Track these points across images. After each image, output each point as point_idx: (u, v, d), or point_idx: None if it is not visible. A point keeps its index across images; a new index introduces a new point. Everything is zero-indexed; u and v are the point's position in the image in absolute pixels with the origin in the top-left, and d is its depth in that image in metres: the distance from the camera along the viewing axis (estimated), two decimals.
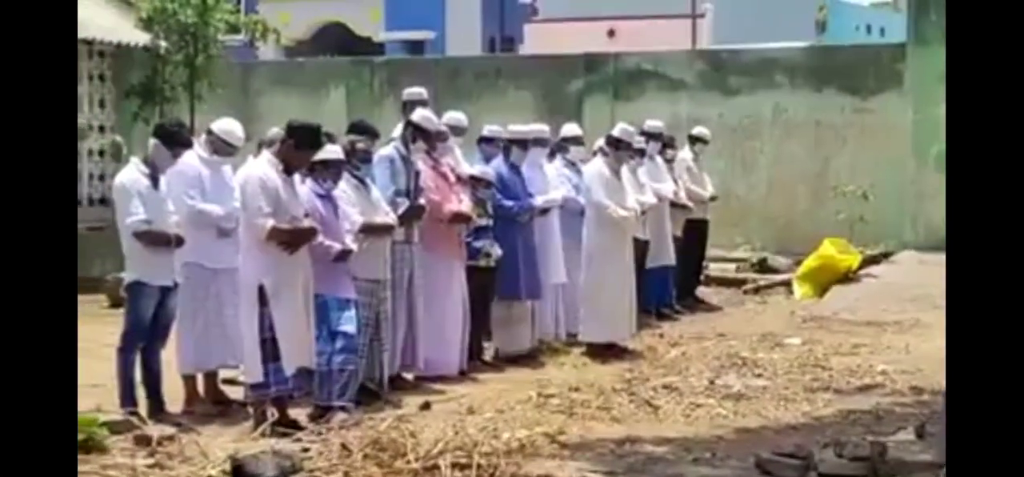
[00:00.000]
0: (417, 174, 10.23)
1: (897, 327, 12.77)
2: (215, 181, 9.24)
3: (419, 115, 10.48)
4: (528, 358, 11.35)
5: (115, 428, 8.02)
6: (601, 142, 12.55)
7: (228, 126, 9.44)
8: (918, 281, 14.47)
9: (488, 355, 11.40)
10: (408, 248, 10.09)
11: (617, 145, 12.12)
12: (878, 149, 18.09)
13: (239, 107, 15.77)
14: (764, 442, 8.07)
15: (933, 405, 8.77)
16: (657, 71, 19.56)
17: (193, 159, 9.22)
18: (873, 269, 16.18)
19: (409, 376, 10.26)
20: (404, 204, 9.95)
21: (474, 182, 11.06)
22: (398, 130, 10.62)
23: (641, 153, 13.21)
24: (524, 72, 19.82)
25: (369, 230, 9.37)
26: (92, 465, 7.11)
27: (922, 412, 8.92)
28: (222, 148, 9.36)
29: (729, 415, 9.21)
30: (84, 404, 8.21)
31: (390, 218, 9.66)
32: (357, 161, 9.51)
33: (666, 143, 14.49)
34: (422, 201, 10.17)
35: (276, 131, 9.46)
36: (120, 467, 7.10)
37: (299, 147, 8.61)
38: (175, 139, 8.94)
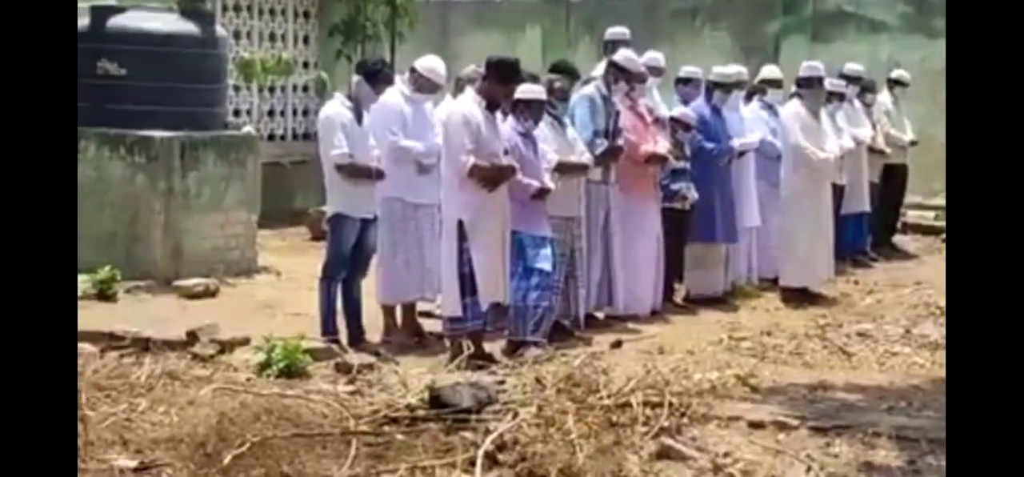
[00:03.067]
0: (617, 115, 10.26)
1: None
2: (417, 118, 9.43)
3: (622, 55, 10.51)
4: (720, 301, 11.33)
5: (317, 355, 8.31)
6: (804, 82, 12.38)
7: (431, 63, 9.61)
8: None
9: (680, 297, 11.40)
10: (604, 188, 10.14)
11: (808, 84, 11.96)
12: None
13: (437, 45, 15.92)
14: None
15: None
16: (858, 12, 19.09)
17: (396, 96, 9.42)
18: None
19: (600, 315, 10.34)
20: (602, 144, 10.00)
21: (675, 124, 11.05)
22: (598, 70, 10.67)
23: (841, 97, 13.01)
24: (721, 12, 19.56)
25: (564, 169, 9.45)
26: (296, 390, 7.37)
27: None
28: (425, 85, 9.53)
29: (926, 364, 9.08)
30: (288, 331, 8.56)
31: (585, 157, 9.72)
32: (554, 100, 9.58)
33: (866, 87, 14.22)
34: (620, 142, 10.21)
35: (473, 68, 9.61)
36: (322, 393, 7.33)
37: (500, 82, 8.71)
38: (378, 76, 9.15)
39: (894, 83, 14.95)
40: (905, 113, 15.06)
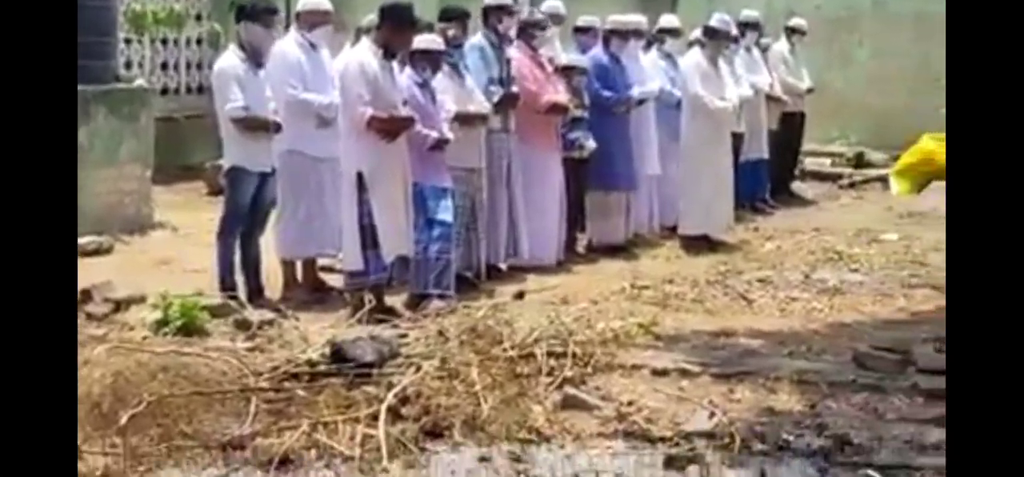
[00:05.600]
0: (508, 62, 10.19)
1: None
2: (315, 69, 9.25)
3: None
4: (622, 250, 11.34)
5: (215, 312, 8.16)
6: (697, 33, 12.43)
7: (312, 1, 9.43)
8: None
9: (582, 246, 11.40)
10: (505, 137, 10.07)
11: (714, 35, 12.00)
12: None
13: None
14: (861, 337, 8.05)
15: None
16: None
17: (291, 46, 9.26)
18: None
19: (504, 266, 10.29)
20: (498, 92, 9.93)
21: (567, 71, 11.00)
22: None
23: (736, 42, 13.06)
24: None
25: (463, 119, 9.37)
26: (194, 348, 7.22)
27: None
28: (316, 20, 9.35)
29: (825, 310, 9.19)
30: (185, 288, 8.41)
31: (484, 107, 9.66)
32: (449, 48, 9.47)
33: (761, 33, 14.30)
34: (515, 89, 10.14)
35: (371, 18, 9.45)
36: (221, 350, 7.20)
37: (395, 29, 8.60)
38: (260, 13, 8.90)
39: (792, 31, 15.03)
40: (802, 61, 15.15)
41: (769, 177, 14.27)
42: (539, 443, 5.97)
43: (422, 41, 8.93)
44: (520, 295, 9.32)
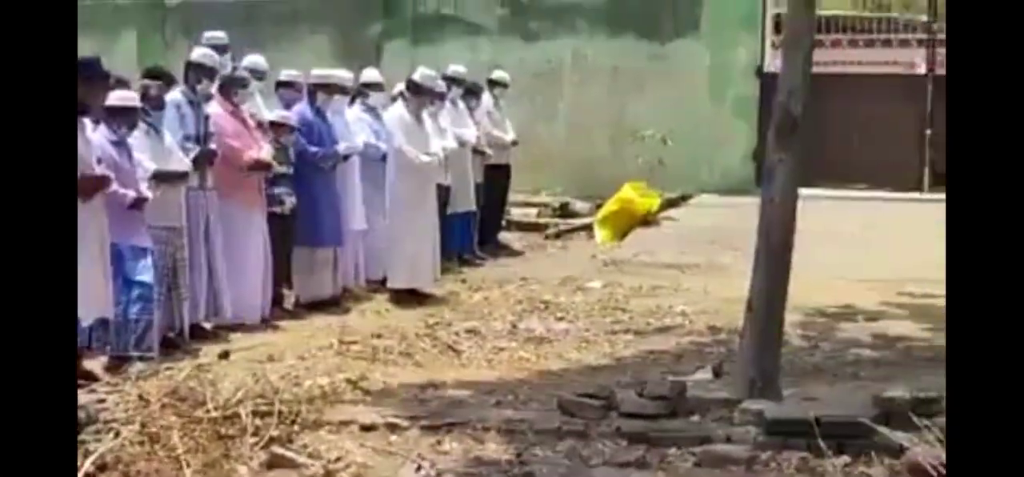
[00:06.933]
0: (206, 118, 10.02)
1: (695, 269, 13.00)
2: None
3: (198, 54, 10.31)
4: (330, 305, 11.23)
5: None
6: (401, 87, 12.49)
7: None
8: (715, 224, 14.77)
9: (290, 303, 11.26)
10: (202, 195, 9.85)
11: (417, 90, 12.08)
12: (676, 94, 18.34)
13: None
14: (566, 383, 8.15)
15: (730, 344, 8.96)
16: (457, 15, 19.50)
17: None
18: (672, 212, 16.47)
19: (208, 325, 10.06)
20: (194, 149, 9.75)
21: (275, 128, 10.88)
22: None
23: (442, 97, 13.16)
24: (322, 15, 19.54)
25: (162, 177, 9.17)
26: None
27: (719, 351, 9.13)
28: None
29: (531, 358, 9.28)
30: None
31: (184, 165, 9.47)
32: (149, 107, 9.26)
33: (469, 89, 14.46)
34: (213, 146, 9.97)
35: None
36: None
37: (87, 84, 8.31)
38: None
39: (494, 84, 15.25)
40: (506, 113, 15.39)
41: (477, 229, 14.41)
42: None
43: (116, 98, 8.70)
44: (225, 354, 9.12)
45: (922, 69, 18.49)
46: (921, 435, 6.04)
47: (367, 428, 6.99)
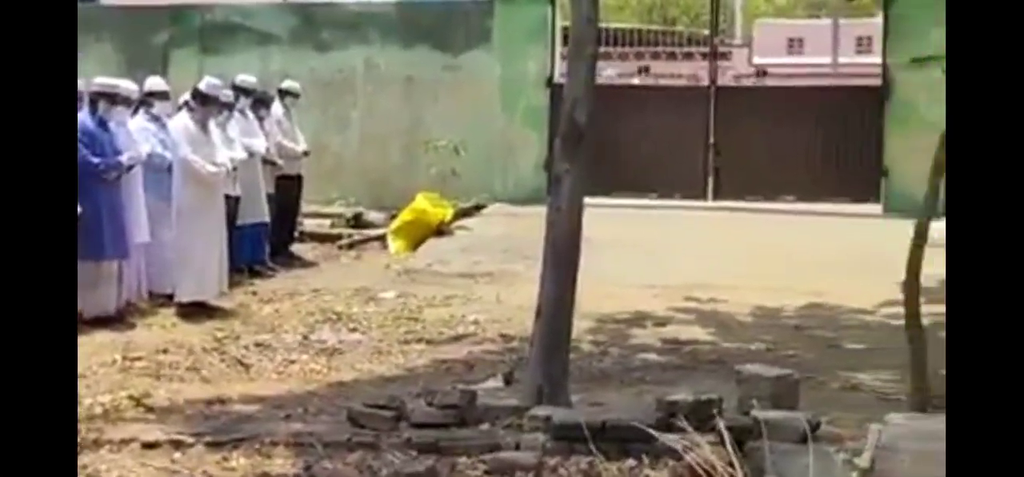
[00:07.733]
0: None
1: (488, 278, 13.06)
2: None
3: None
4: (115, 320, 10.92)
5: None
6: (187, 96, 12.24)
7: None
8: (508, 233, 14.88)
9: None
10: None
11: (203, 99, 11.86)
12: (468, 104, 18.43)
13: None
14: (358, 395, 8.08)
15: (520, 352, 9.00)
16: (246, 24, 19.26)
17: None
18: (465, 222, 16.54)
19: None
20: None
21: None
22: None
23: (229, 107, 12.94)
24: (105, 23, 19.10)
25: None
26: None
27: (510, 359, 9.17)
28: None
29: (323, 370, 9.19)
30: None
31: None
32: None
33: (259, 98, 14.26)
34: None
35: None
36: None
37: None
38: None
39: (285, 93, 15.08)
40: (297, 123, 15.24)
41: (268, 240, 14.21)
42: None
43: None
44: None
45: (706, 81, 18.95)
46: (690, 437, 6.11)
47: (150, 446, 6.80)
